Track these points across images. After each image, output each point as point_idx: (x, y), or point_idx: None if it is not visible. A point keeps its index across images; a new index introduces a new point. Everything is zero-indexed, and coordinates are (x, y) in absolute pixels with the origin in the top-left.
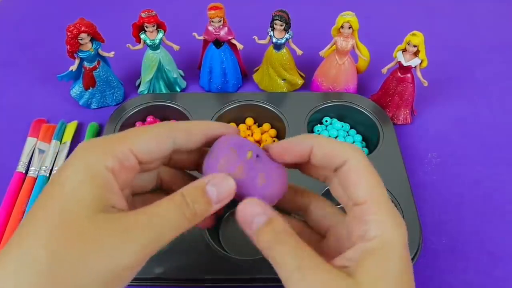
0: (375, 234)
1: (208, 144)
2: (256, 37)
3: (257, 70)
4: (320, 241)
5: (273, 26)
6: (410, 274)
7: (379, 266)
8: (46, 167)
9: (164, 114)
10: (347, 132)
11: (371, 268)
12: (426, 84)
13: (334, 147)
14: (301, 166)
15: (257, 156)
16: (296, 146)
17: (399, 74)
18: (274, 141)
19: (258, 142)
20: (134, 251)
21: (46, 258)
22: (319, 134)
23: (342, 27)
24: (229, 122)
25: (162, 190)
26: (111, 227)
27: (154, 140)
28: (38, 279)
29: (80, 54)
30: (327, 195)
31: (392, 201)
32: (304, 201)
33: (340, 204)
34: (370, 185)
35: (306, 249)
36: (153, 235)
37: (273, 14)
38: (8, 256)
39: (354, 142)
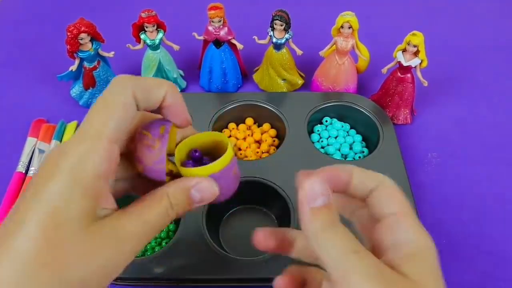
0: (412, 239)
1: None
2: (256, 37)
3: (257, 70)
4: None
5: (273, 26)
6: (443, 282)
7: (422, 266)
8: None
9: None
10: (347, 132)
11: (416, 266)
12: (426, 84)
13: (368, 174)
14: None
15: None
16: (341, 173)
17: (399, 74)
18: (274, 141)
19: (258, 142)
20: (126, 258)
21: (35, 258)
22: (319, 133)
23: (342, 27)
24: (229, 122)
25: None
26: (104, 240)
27: (121, 115)
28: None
29: (80, 54)
30: None
31: None
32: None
33: None
34: (402, 200)
35: (355, 238)
36: (144, 241)
37: (273, 14)
38: None
39: (354, 142)
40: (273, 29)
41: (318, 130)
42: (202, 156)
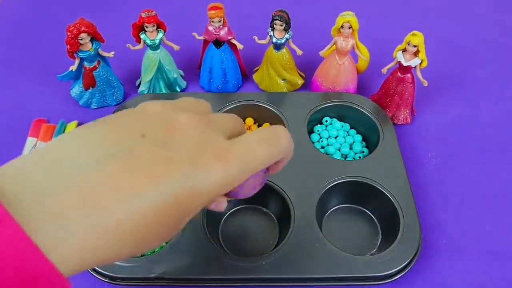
0: None
1: None
2: (256, 37)
3: (257, 70)
4: None
5: (273, 26)
6: None
7: None
8: None
9: None
10: (347, 132)
11: None
12: (426, 84)
13: None
14: None
15: None
16: None
17: (399, 74)
18: None
19: None
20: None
21: None
22: (319, 133)
23: (342, 27)
24: None
25: None
26: None
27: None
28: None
29: (80, 54)
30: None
31: (392, 201)
32: None
33: None
34: None
35: None
36: None
37: (273, 14)
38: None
39: (354, 142)
40: (273, 29)
41: (318, 130)
42: None
